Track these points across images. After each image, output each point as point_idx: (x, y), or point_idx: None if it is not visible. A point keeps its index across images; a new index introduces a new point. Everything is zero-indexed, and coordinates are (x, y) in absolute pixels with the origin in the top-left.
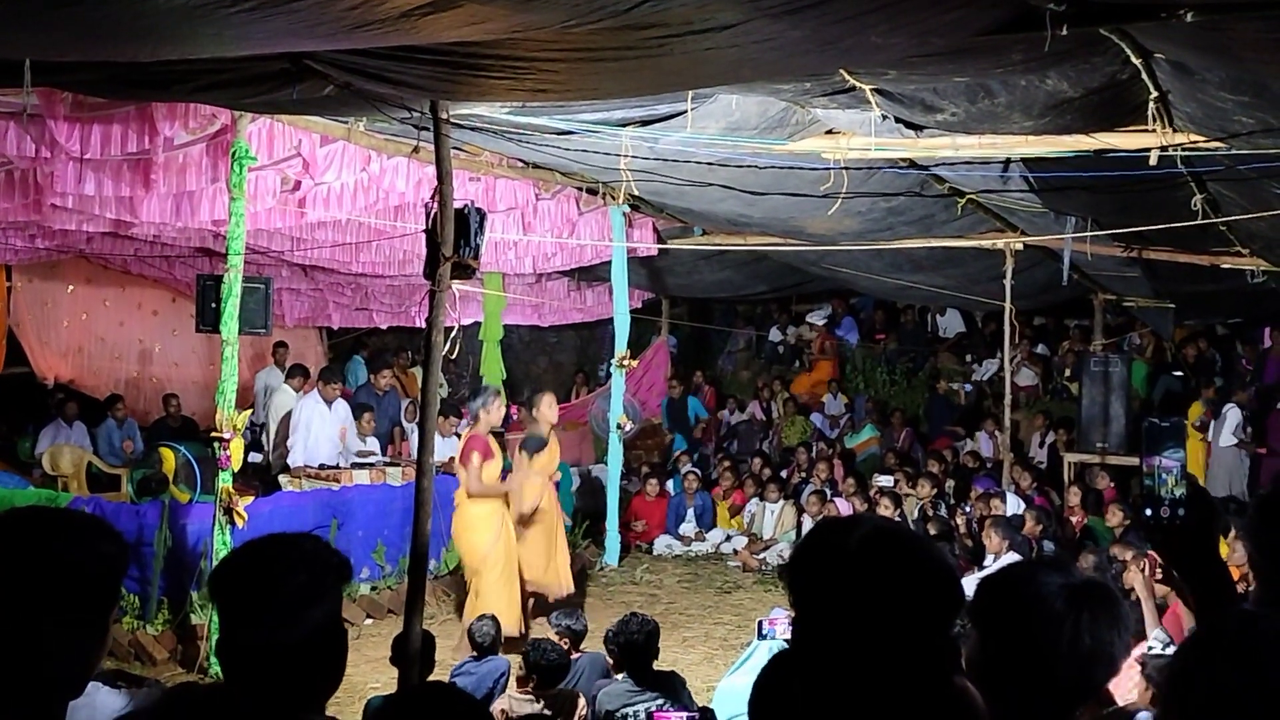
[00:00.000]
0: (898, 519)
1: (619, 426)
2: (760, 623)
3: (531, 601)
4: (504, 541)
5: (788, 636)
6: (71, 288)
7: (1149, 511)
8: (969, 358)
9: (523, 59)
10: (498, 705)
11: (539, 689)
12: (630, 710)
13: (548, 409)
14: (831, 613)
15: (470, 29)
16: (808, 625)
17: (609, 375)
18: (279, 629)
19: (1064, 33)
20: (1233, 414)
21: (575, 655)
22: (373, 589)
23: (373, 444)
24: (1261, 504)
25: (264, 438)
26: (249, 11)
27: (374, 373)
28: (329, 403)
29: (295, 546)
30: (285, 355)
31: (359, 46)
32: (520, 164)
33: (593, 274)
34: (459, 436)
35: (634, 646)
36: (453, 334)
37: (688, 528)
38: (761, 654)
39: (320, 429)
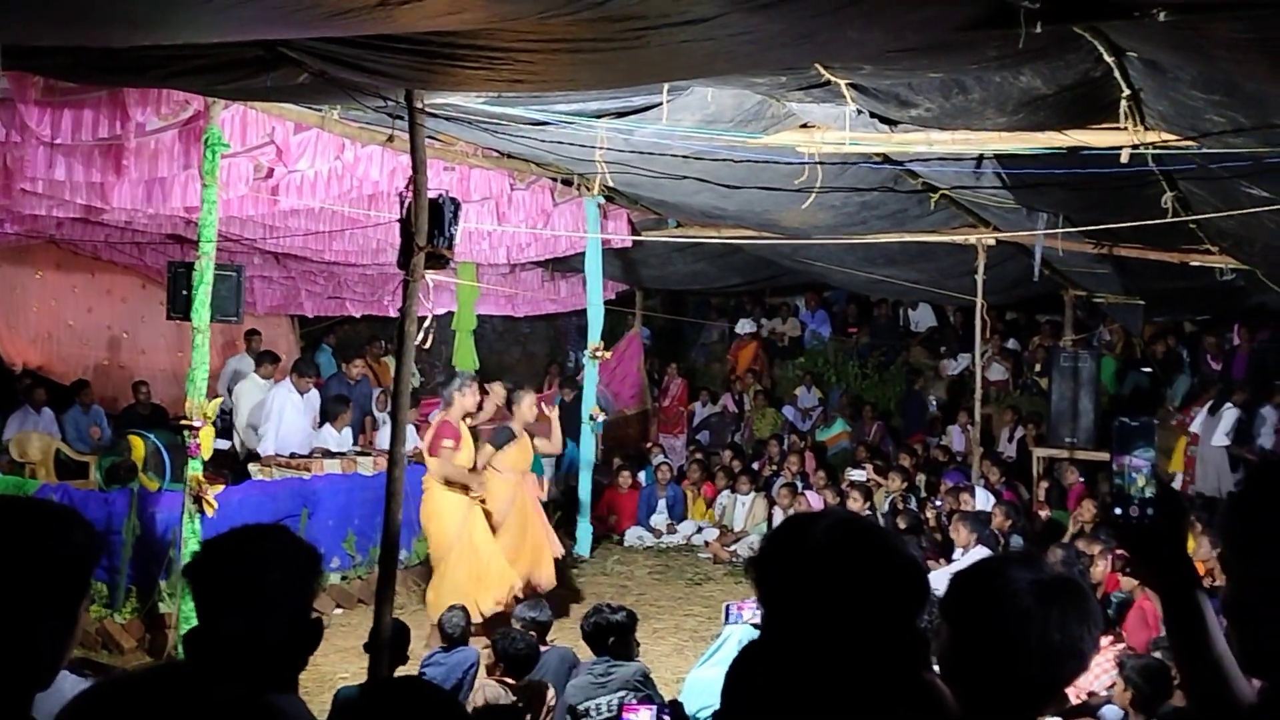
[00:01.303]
0: (868, 511)
1: (591, 417)
2: (727, 607)
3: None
4: (470, 529)
5: (756, 622)
6: (40, 273)
7: (1118, 510)
8: (942, 349)
9: (499, 49)
10: (477, 694)
11: (507, 677)
12: (593, 705)
13: (528, 409)
14: (798, 606)
15: (447, 19)
16: (775, 619)
17: (578, 367)
18: (253, 619)
19: (1038, 30)
20: (1229, 414)
21: (543, 648)
22: (343, 579)
23: (346, 436)
24: (1233, 501)
25: (235, 425)
26: None
27: (345, 362)
28: (301, 393)
29: (268, 538)
30: (258, 342)
31: (335, 35)
32: (495, 154)
33: (567, 265)
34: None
35: (609, 628)
36: (426, 324)
37: (659, 519)
38: (731, 644)
39: (293, 419)
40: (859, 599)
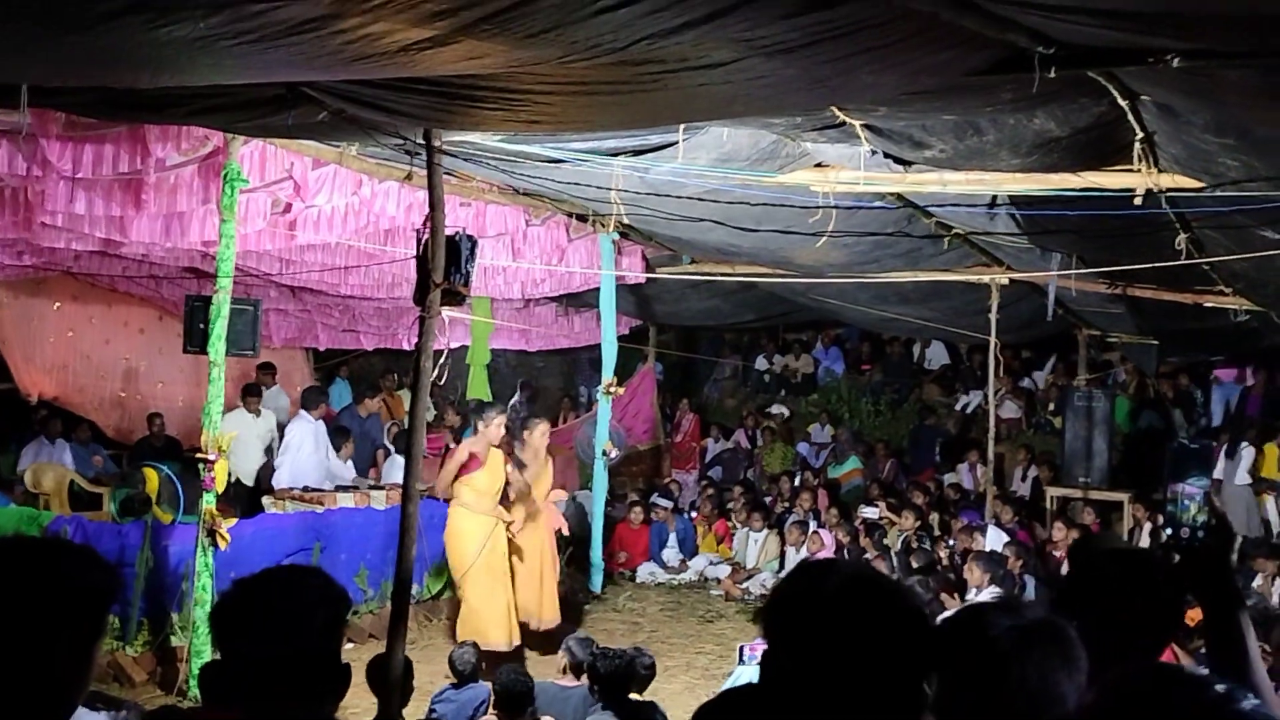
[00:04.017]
0: (882, 548)
1: (604, 453)
2: (741, 648)
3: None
4: (491, 553)
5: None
6: (58, 305)
7: (1170, 531)
8: (956, 387)
9: (518, 91)
10: None
11: (503, 715)
12: None
13: (540, 438)
14: (806, 657)
15: (468, 63)
16: (781, 667)
17: (590, 402)
18: (283, 657)
19: (1052, 75)
20: (1247, 454)
21: (573, 683)
22: (354, 613)
23: (350, 468)
24: None
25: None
26: (249, 44)
27: (361, 399)
28: (317, 421)
29: (304, 579)
30: (272, 379)
31: (357, 78)
32: (511, 190)
33: (581, 300)
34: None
35: (612, 676)
36: (441, 359)
37: (670, 553)
38: (743, 682)
39: (310, 451)
40: (869, 654)
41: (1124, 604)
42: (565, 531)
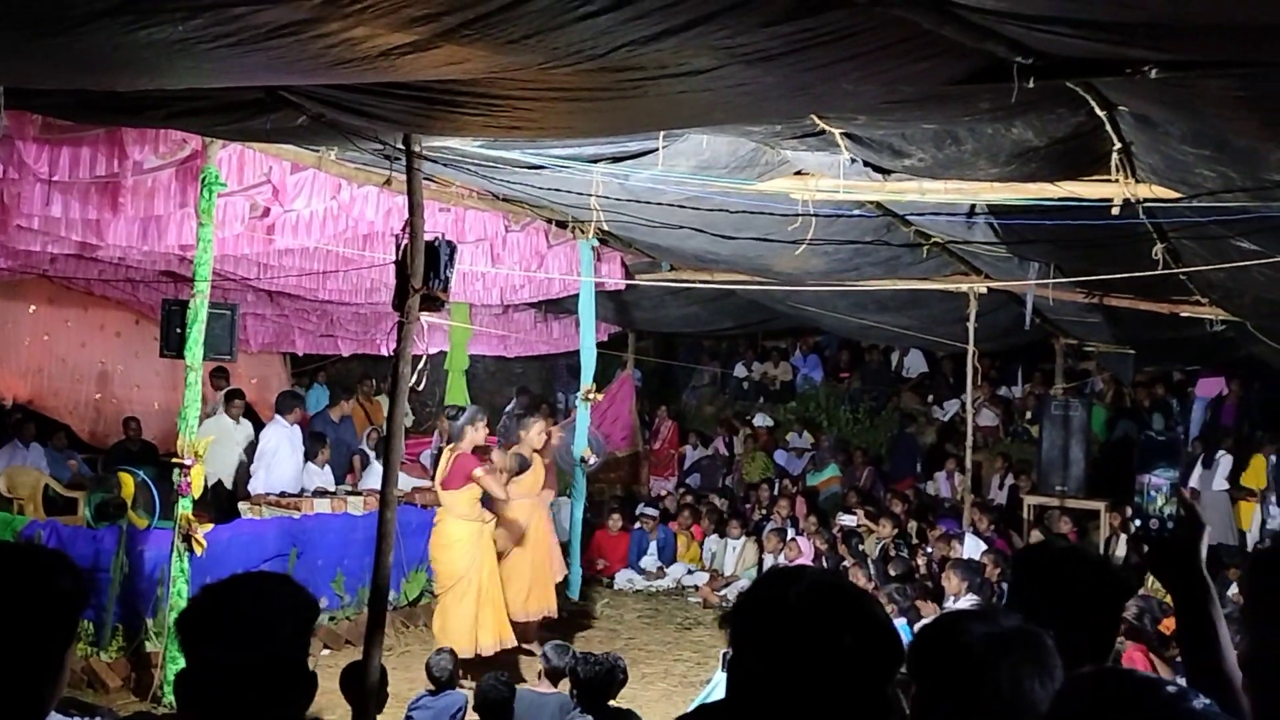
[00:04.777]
0: (860, 555)
1: (583, 460)
2: (724, 654)
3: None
4: (481, 564)
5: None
6: (33, 307)
7: (1139, 523)
8: (929, 398)
9: (498, 96)
10: None
11: None
12: None
13: (536, 435)
14: (771, 662)
15: (449, 68)
16: (747, 675)
17: (569, 408)
18: (249, 665)
19: (1030, 85)
20: (1225, 460)
21: (550, 690)
22: (331, 619)
23: (327, 475)
24: (1257, 560)
25: None
26: (229, 47)
27: (335, 403)
28: (292, 425)
29: (270, 586)
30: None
31: (337, 82)
32: (490, 196)
33: (560, 306)
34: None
35: (593, 682)
36: (419, 364)
37: (649, 561)
38: (721, 691)
39: (287, 456)
40: (831, 664)
41: (1064, 605)
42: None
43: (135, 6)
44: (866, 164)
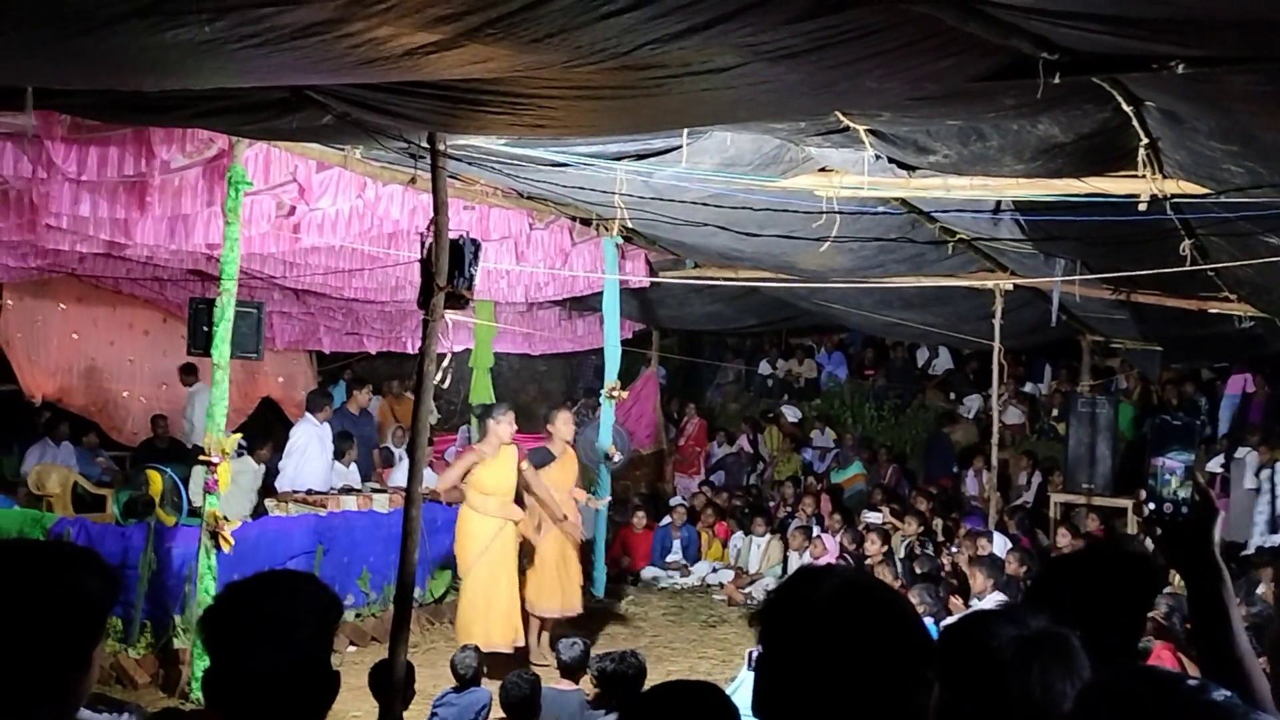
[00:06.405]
0: (884, 553)
1: (608, 457)
2: (750, 653)
3: (540, 625)
4: (494, 554)
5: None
6: (62, 306)
7: (1152, 505)
8: (950, 395)
9: (522, 95)
10: None
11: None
12: None
13: (564, 425)
14: (799, 661)
15: (473, 67)
16: (777, 674)
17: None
18: (272, 663)
19: (1056, 81)
20: (1252, 458)
21: (570, 687)
22: (357, 616)
23: (353, 473)
24: None
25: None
26: (254, 48)
27: (350, 395)
28: (322, 423)
29: (294, 585)
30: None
31: (362, 81)
32: (515, 194)
33: (584, 304)
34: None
35: (624, 679)
36: (444, 362)
37: (673, 558)
38: (746, 690)
39: (317, 454)
40: (863, 661)
41: (1089, 602)
42: (579, 538)
43: (162, 8)
44: (891, 160)
